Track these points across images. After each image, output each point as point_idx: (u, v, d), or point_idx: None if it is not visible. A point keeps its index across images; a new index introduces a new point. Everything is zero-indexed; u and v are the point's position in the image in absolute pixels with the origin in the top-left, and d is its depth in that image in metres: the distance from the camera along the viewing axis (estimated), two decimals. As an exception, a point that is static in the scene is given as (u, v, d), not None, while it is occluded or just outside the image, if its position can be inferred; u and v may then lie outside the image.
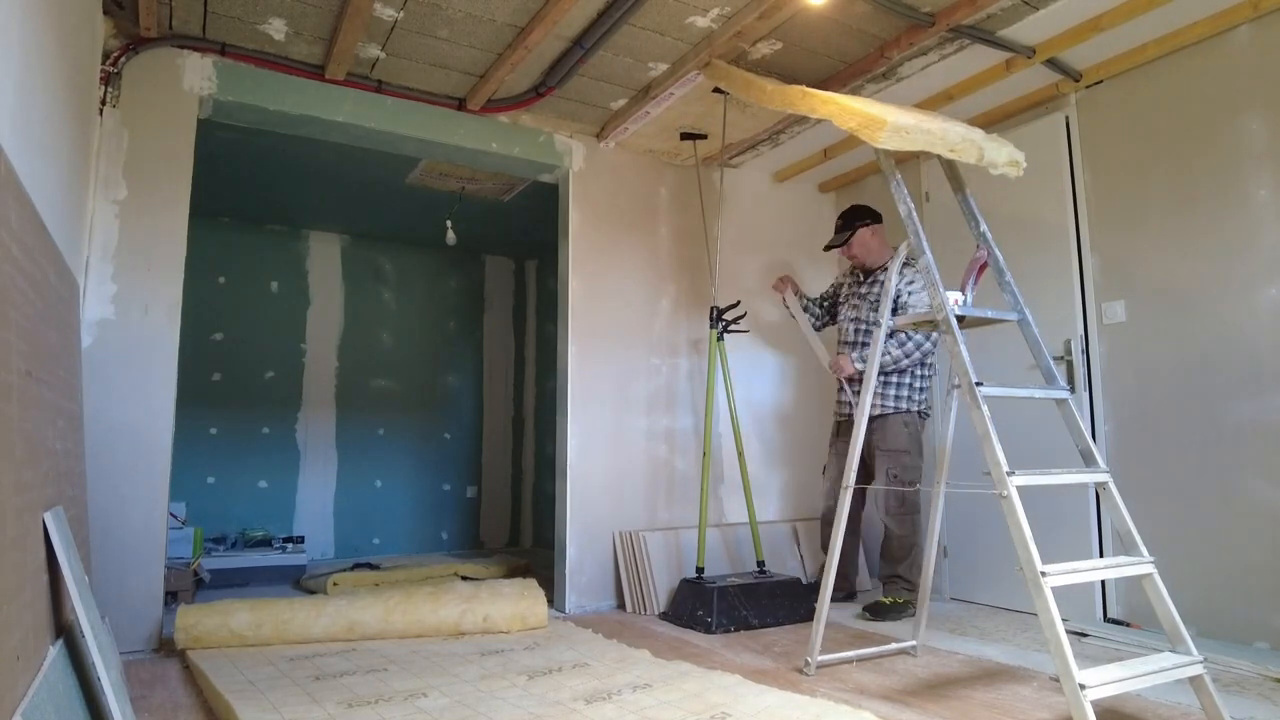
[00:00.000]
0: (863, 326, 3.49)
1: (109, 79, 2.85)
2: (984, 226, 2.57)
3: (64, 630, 1.65)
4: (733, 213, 4.24)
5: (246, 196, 4.79)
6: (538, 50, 3.07)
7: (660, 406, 3.91)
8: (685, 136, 3.81)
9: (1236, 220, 2.81)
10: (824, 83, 3.29)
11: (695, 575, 3.42)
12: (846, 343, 3.54)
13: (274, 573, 4.30)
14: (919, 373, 3.38)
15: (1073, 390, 3.09)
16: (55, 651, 1.51)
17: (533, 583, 3.33)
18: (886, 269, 3.41)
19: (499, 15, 2.86)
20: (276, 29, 2.96)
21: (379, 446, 5.57)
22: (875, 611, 3.26)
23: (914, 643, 2.72)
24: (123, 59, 2.89)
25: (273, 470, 5.19)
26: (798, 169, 4.27)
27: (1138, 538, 2.15)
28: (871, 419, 3.29)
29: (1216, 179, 2.87)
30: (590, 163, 3.88)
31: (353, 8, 2.72)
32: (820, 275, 4.54)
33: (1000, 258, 2.54)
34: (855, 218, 3.55)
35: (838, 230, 3.61)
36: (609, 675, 2.44)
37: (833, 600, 2.99)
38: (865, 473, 3.35)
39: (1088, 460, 2.29)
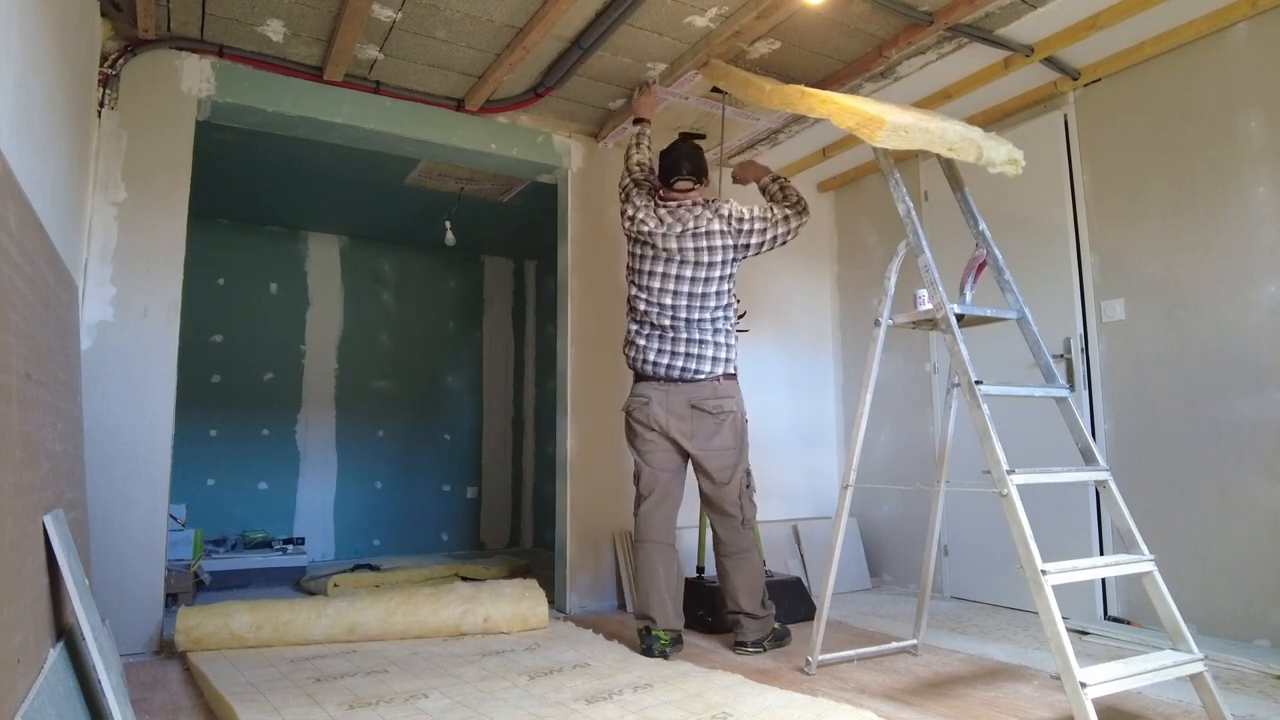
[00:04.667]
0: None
1: (107, 81, 2.85)
2: (983, 225, 2.57)
3: (64, 632, 1.65)
4: (732, 212, 4.23)
5: (245, 198, 4.79)
6: (536, 51, 3.07)
7: (660, 406, 3.90)
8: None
9: (1235, 218, 2.81)
10: (822, 82, 3.29)
11: (695, 575, 3.42)
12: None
13: (274, 574, 4.30)
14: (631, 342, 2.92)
15: (1072, 389, 3.09)
16: (56, 654, 1.51)
17: (533, 583, 3.32)
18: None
19: (497, 16, 2.86)
20: (275, 30, 2.96)
21: (379, 448, 5.57)
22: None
23: (915, 641, 2.72)
24: (121, 61, 2.88)
25: (273, 472, 5.19)
26: (796, 168, 4.27)
27: (1138, 536, 2.15)
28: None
29: (1215, 177, 2.87)
30: (589, 163, 3.88)
31: (351, 9, 2.72)
32: (819, 277, 4.54)
33: (999, 256, 2.54)
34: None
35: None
36: (610, 675, 2.44)
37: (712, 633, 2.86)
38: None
39: (1087, 458, 2.29)
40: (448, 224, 4.80)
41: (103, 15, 2.80)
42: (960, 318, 2.35)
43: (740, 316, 3.65)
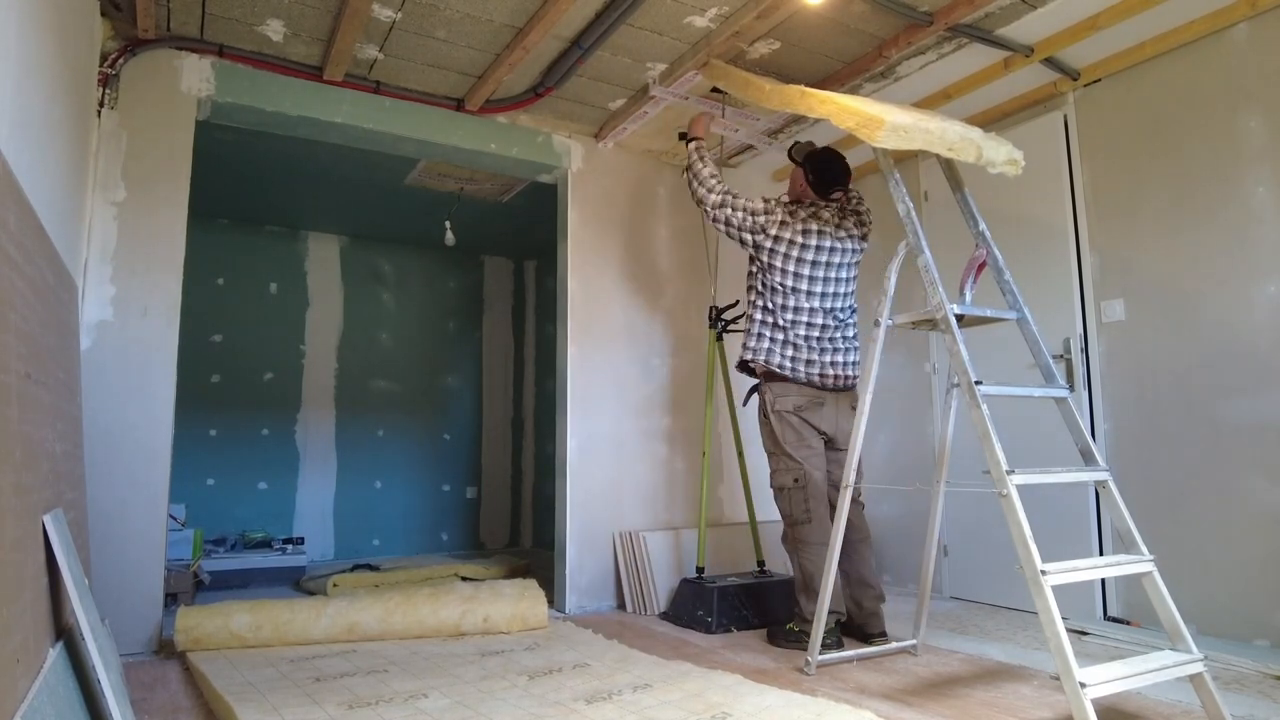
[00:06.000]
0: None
1: (107, 80, 2.85)
2: (983, 225, 2.57)
3: (64, 632, 1.65)
4: (731, 212, 4.23)
5: (245, 198, 4.79)
6: (536, 51, 3.07)
7: (660, 406, 3.91)
8: (684, 137, 3.81)
9: (1235, 218, 2.81)
10: (822, 82, 3.29)
11: (695, 575, 3.42)
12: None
13: (274, 574, 4.30)
14: (768, 325, 2.94)
15: (1072, 389, 3.09)
16: (55, 654, 1.51)
17: (533, 583, 3.32)
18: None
19: (497, 16, 2.86)
20: (274, 30, 2.96)
21: (378, 447, 5.57)
22: (771, 636, 2.94)
23: (914, 642, 2.72)
24: (121, 60, 2.88)
25: (272, 472, 5.19)
26: (796, 168, 4.27)
27: (1137, 536, 2.15)
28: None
29: (1215, 177, 2.87)
30: (589, 163, 3.88)
31: (351, 8, 2.72)
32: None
33: (999, 256, 2.54)
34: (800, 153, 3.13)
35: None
36: (609, 675, 2.44)
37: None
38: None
39: (1087, 459, 2.29)
40: (447, 224, 4.79)
41: (102, 15, 2.79)
42: (960, 318, 2.35)
43: (740, 318, 3.67)
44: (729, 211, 3.00)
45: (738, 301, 3.71)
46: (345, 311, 5.58)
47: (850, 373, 3.01)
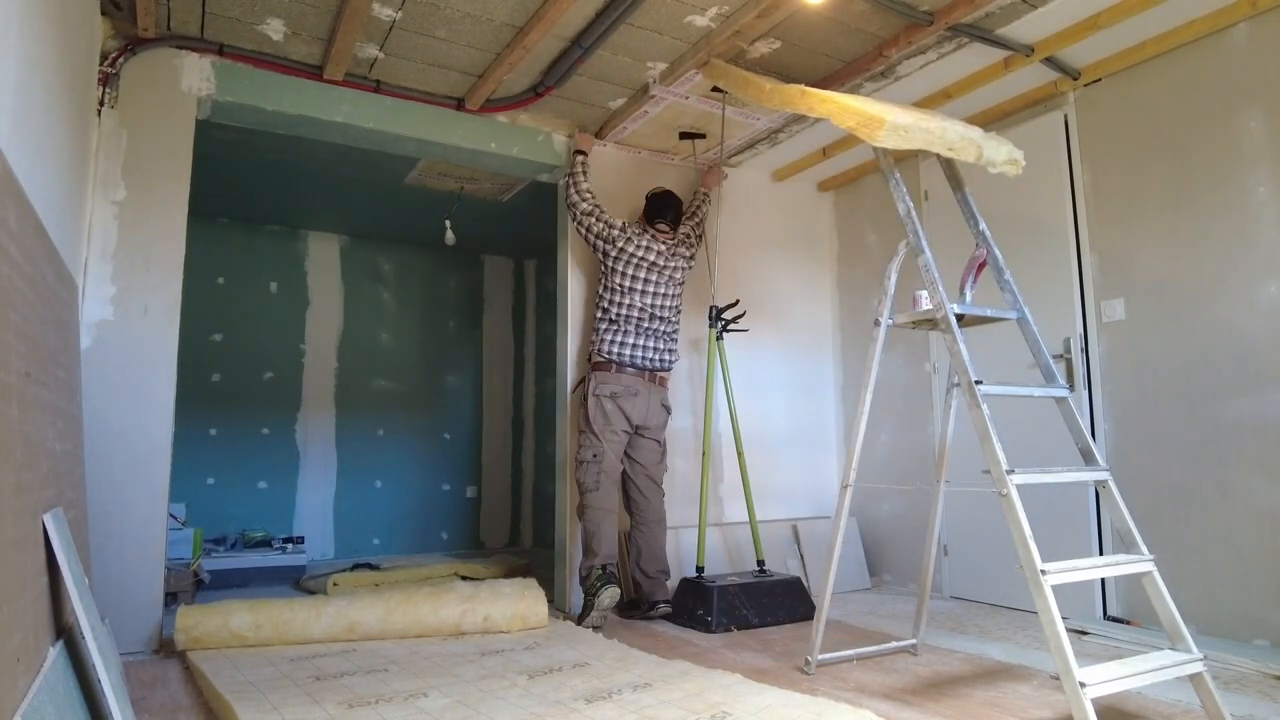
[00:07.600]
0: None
1: (107, 80, 2.85)
2: (983, 225, 2.57)
3: (64, 631, 1.65)
4: (732, 212, 4.23)
5: (245, 197, 4.79)
6: (536, 50, 3.07)
7: (660, 406, 3.90)
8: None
9: (1235, 218, 2.81)
10: (823, 81, 3.29)
11: (695, 574, 3.42)
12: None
13: (274, 573, 4.30)
14: (605, 320, 3.48)
15: (1072, 388, 3.08)
16: (55, 653, 1.51)
17: (533, 582, 3.32)
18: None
19: (497, 15, 2.86)
20: (275, 29, 2.96)
21: (378, 447, 5.57)
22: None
23: (914, 641, 2.72)
24: (121, 60, 2.88)
25: (272, 471, 5.19)
26: (797, 168, 4.27)
27: (1137, 536, 2.15)
28: None
29: (1215, 176, 2.87)
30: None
31: (351, 8, 2.72)
32: (819, 277, 4.54)
33: (999, 256, 2.54)
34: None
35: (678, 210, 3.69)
36: (609, 675, 2.44)
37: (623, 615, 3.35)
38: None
39: (1087, 458, 2.29)
40: (447, 223, 4.80)
41: (103, 14, 2.80)
42: (960, 318, 2.35)
43: (739, 317, 3.67)
44: (593, 220, 3.53)
45: (737, 301, 3.71)
46: (345, 311, 5.58)
47: (666, 358, 3.55)
